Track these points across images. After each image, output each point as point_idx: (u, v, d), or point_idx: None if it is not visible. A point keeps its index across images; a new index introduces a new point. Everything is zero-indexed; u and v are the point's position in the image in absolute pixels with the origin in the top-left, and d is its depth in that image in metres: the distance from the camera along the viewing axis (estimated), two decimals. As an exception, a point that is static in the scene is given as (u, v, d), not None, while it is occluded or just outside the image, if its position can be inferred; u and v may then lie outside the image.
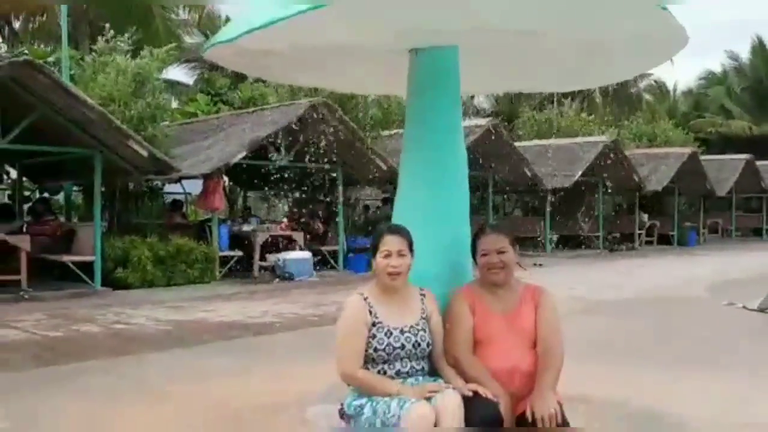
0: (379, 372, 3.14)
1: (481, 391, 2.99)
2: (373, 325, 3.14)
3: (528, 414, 2.90)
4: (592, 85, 8.95)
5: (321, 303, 9.68)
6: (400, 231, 3.22)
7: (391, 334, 3.13)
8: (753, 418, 4.38)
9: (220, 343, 6.94)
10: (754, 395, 4.98)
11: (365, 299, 3.20)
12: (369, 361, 3.13)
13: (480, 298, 3.31)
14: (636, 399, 4.71)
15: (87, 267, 11.06)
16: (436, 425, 2.85)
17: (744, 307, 9.26)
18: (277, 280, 12.54)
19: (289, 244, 13.72)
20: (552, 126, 25.07)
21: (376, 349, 3.11)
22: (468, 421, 2.88)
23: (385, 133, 16.38)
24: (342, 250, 14.41)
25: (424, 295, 3.30)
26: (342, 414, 3.17)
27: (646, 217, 23.29)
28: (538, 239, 19.38)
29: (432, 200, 3.57)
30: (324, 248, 14.37)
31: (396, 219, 3.60)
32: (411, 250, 3.19)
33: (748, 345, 7.00)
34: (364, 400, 3.07)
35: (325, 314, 8.68)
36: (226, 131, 14.01)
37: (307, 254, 13.19)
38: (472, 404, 2.93)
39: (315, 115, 13.02)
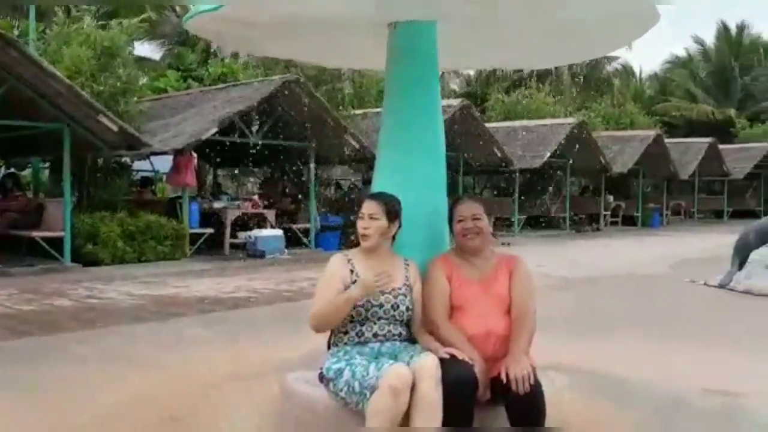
0: (357, 333, 3.24)
1: (457, 354, 3.10)
2: (354, 283, 3.22)
3: (503, 375, 3.02)
4: (566, 62, 9.07)
5: (294, 279, 9.75)
6: (379, 197, 3.34)
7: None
8: (713, 384, 4.59)
9: (196, 317, 6.99)
10: (713, 362, 5.22)
11: (348, 260, 3.30)
12: (346, 320, 3.23)
13: (456, 266, 3.43)
14: (605, 368, 4.88)
15: (56, 243, 10.97)
16: (414, 386, 2.96)
17: (705, 283, 9.59)
18: (248, 257, 12.56)
19: (261, 221, 13.74)
20: (521, 108, 25.32)
21: (354, 306, 3.19)
22: (444, 381, 3.00)
23: (359, 112, 16.41)
24: (313, 228, 14.47)
25: (408, 264, 3.40)
26: (321, 378, 3.27)
27: (611, 198, 23.74)
28: (507, 219, 19.67)
29: (410, 169, 3.65)
30: (295, 226, 14.40)
31: (375, 187, 3.68)
32: (391, 217, 3.29)
33: (709, 317, 7.28)
34: (343, 364, 3.16)
35: (299, 290, 8.77)
36: (197, 107, 13.90)
37: (278, 232, 13.23)
38: (449, 366, 3.05)
39: (287, 92, 13.00)
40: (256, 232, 12.94)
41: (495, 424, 3.25)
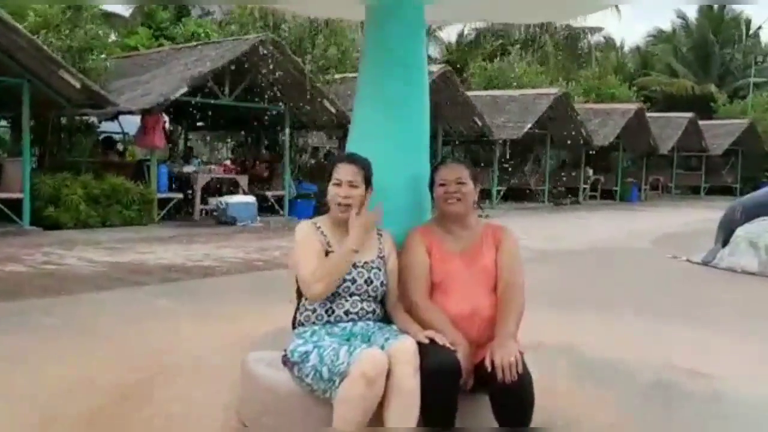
0: (327, 311, 2.88)
1: (438, 338, 2.76)
2: (326, 254, 2.87)
3: (487, 363, 2.69)
4: (562, 18, 8.69)
5: (266, 248, 9.36)
6: (357, 160, 2.94)
7: None
8: (698, 365, 4.34)
9: (159, 286, 6.58)
10: (696, 342, 4.98)
11: (318, 228, 2.94)
12: None
13: (437, 238, 3.06)
14: (587, 346, 4.65)
15: (15, 205, 10.44)
16: (389, 373, 2.62)
17: (687, 260, 9.37)
18: (219, 224, 12.13)
19: (233, 187, 13.28)
20: (503, 76, 24.89)
21: None
22: (424, 369, 2.66)
23: (338, 76, 15.89)
24: (288, 195, 14.03)
25: (381, 234, 3.04)
26: (285, 361, 2.91)
27: (591, 171, 23.56)
28: (485, 191, 19.36)
29: (389, 129, 3.26)
30: (269, 193, 13.96)
31: (350, 148, 3.29)
32: (368, 182, 2.92)
33: (692, 295, 7.04)
34: (310, 346, 2.81)
35: (270, 259, 8.39)
36: (167, 66, 13.30)
37: (250, 198, 12.79)
38: (428, 352, 2.70)
39: (262, 52, 12.45)
40: (227, 198, 12.48)
41: (479, 415, 2.93)
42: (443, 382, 2.68)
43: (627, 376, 4.18)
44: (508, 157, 20.11)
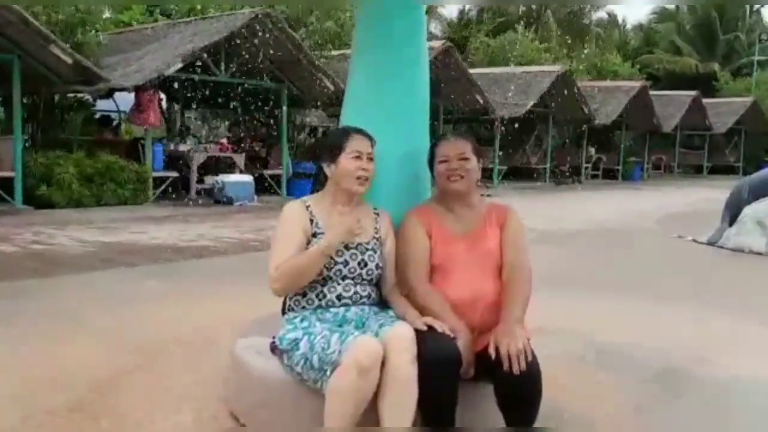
0: (318, 296, 2.68)
1: (437, 325, 2.56)
2: (314, 236, 2.66)
3: (491, 350, 2.49)
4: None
5: (262, 228, 9.15)
6: (367, 134, 2.75)
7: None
8: (711, 351, 4.16)
9: (150, 267, 6.37)
10: (708, 326, 4.80)
11: (307, 207, 2.72)
12: None
13: (437, 218, 2.85)
14: (595, 331, 4.47)
15: (7, 184, 10.24)
16: (384, 362, 2.42)
17: (693, 240, 9.18)
18: (215, 203, 11.92)
19: (229, 166, 13.04)
20: (505, 53, 24.53)
21: None
22: (421, 358, 2.46)
23: (336, 53, 15.58)
24: (285, 174, 13.80)
25: (377, 214, 2.83)
26: (274, 348, 2.71)
27: (593, 150, 23.29)
28: (487, 170, 19.12)
29: (386, 102, 3.02)
30: (266, 172, 13.73)
31: (344, 120, 3.07)
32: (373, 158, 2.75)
33: (700, 276, 6.86)
34: (299, 333, 2.61)
35: (266, 239, 8.16)
36: (161, 41, 13.00)
37: (247, 177, 12.56)
38: (427, 340, 2.50)
39: (257, 28, 12.15)
40: (223, 177, 12.26)
41: (481, 406, 2.74)
42: (442, 371, 2.48)
43: (634, 364, 3.99)
44: (508, 135, 19.85)
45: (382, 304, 2.81)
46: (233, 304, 4.74)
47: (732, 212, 8.95)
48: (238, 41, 12.15)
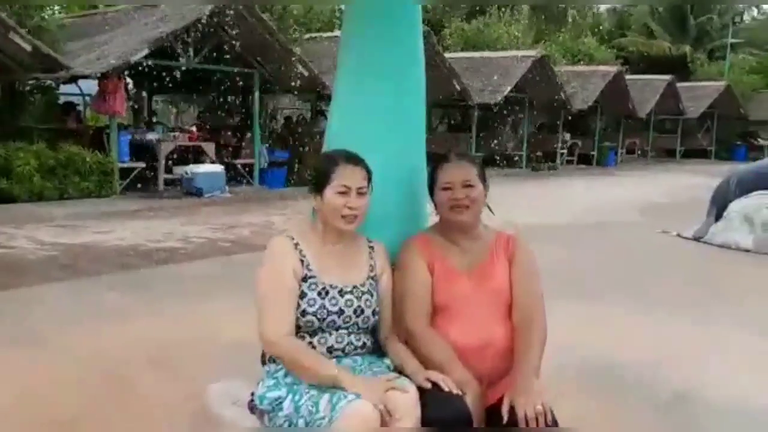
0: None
1: (443, 383, 2.22)
2: (304, 279, 2.28)
3: (504, 411, 2.15)
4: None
5: (234, 225, 8.73)
6: (362, 161, 2.35)
7: (327, 293, 2.29)
8: (716, 372, 3.89)
9: (115, 275, 5.93)
10: (708, 339, 4.56)
11: (296, 245, 2.33)
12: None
13: (439, 251, 2.50)
14: (589, 345, 4.20)
15: (-39, 177, 9.64)
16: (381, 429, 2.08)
17: (678, 235, 8.97)
18: (185, 195, 11.43)
19: (199, 156, 12.53)
20: (481, 38, 24.14)
21: (304, 313, 2.26)
22: (426, 422, 2.12)
23: (308, 36, 15.07)
24: (258, 164, 13.32)
25: (372, 247, 2.46)
26: (253, 408, 2.35)
27: (568, 136, 23.10)
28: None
29: (379, 108, 2.62)
30: (238, 161, 13.24)
31: (331, 139, 2.69)
32: (370, 186, 2.36)
33: (692, 278, 6.62)
34: (283, 391, 2.25)
35: (238, 239, 7.77)
36: (127, 26, 12.39)
37: (218, 168, 12.08)
38: (431, 399, 2.16)
39: (228, 11, 11.60)
40: (193, 168, 11.76)
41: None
42: (450, 436, 2.15)
43: (642, 385, 3.71)
44: (485, 121, 19.54)
45: (377, 350, 2.46)
46: (202, 324, 4.38)
47: (718, 206, 8.75)
48: (208, 25, 11.60)
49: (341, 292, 2.30)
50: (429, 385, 2.20)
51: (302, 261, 2.30)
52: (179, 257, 6.73)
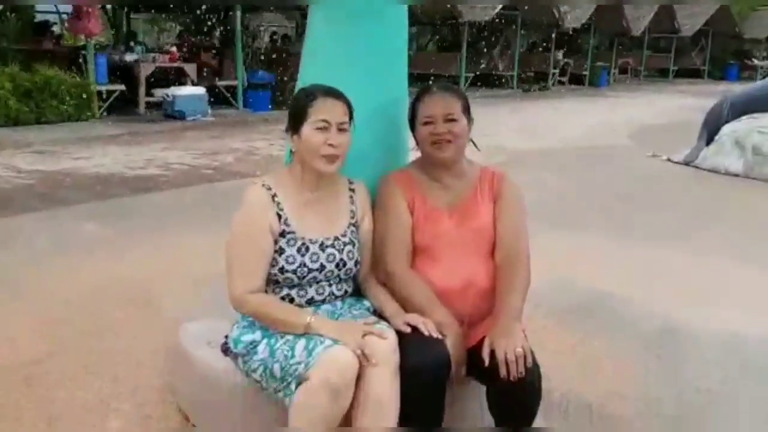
0: (283, 299, 2.21)
1: (422, 326, 2.14)
2: (282, 235, 2.15)
3: (485, 354, 2.08)
4: None
5: (217, 150, 8.53)
6: (341, 96, 2.17)
7: (308, 249, 2.17)
8: (713, 305, 3.86)
9: (93, 204, 5.78)
10: (701, 270, 4.51)
11: (273, 196, 2.17)
12: (271, 283, 2.19)
13: (420, 189, 2.38)
14: (577, 277, 4.15)
15: (-68, 101, 9.32)
16: (359, 376, 2.01)
17: (668, 159, 8.87)
18: (166, 118, 11.15)
19: (180, 78, 12.16)
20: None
21: (283, 270, 2.15)
22: (405, 367, 2.05)
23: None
24: (241, 85, 12.96)
25: (354, 189, 2.32)
26: (226, 350, 2.27)
27: (560, 55, 22.62)
28: (453, 77, 18.40)
29: (357, 38, 2.43)
30: (220, 83, 12.87)
31: (306, 67, 2.51)
32: (351, 122, 2.19)
33: (680, 205, 6.56)
34: (257, 335, 2.17)
35: (221, 165, 7.60)
36: (99, -61, 11.74)
37: (200, 90, 11.74)
38: (410, 344, 2.09)
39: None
40: (174, 90, 11.42)
41: (469, 405, 2.38)
42: (429, 380, 2.08)
43: (633, 321, 3.66)
44: (475, 39, 19.03)
45: (356, 292, 2.37)
46: (181, 257, 4.28)
47: (710, 130, 8.61)
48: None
49: (322, 246, 2.18)
50: (408, 329, 2.13)
51: (279, 216, 2.15)
52: (160, 185, 6.58)
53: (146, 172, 7.16)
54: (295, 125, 2.15)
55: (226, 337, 2.27)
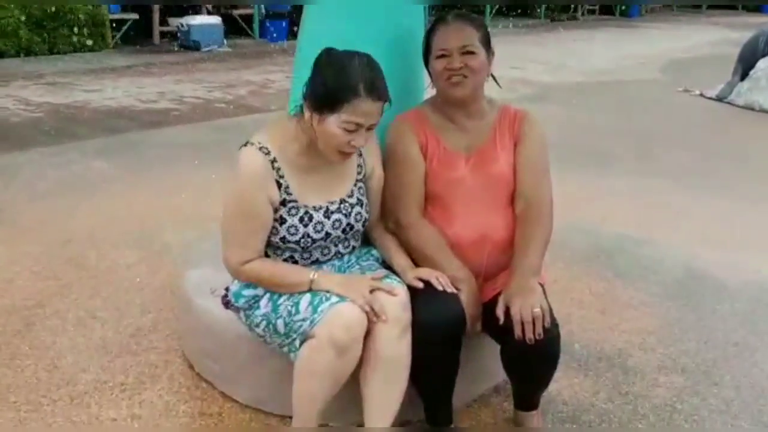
0: (288, 260, 2.04)
1: (436, 281, 1.99)
2: (283, 203, 1.95)
3: (499, 312, 1.94)
4: None
5: (231, 83, 8.29)
6: (383, 94, 1.86)
7: (311, 219, 1.97)
8: (740, 252, 3.68)
9: (100, 140, 5.62)
10: (730, 217, 4.31)
11: (273, 162, 1.93)
12: (272, 247, 2.03)
13: (434, 131, 2.18)
14: (597, 221, 3.99)
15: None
16: (367, 333, 1.87)
17: (701, 94, 8.50)
18: (181, 48, 10.88)
19: (195, 6, 11.80)
20: None
21: (285, 240, 1.97)
22: (416, 324, 1.91)
23: None
24: (257, 14, 12.57)
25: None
26: (227, 304, 2.15)
27: (590, -17, 21.69)
28: (476, 6, 17.70)
29: None
30: (236, 12, 12.49)
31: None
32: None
33: (716, 144, 6.27)
34: (260, 290, 2.02)
35: (235, 99, 7.39)
36: None
37: (215, 19, 11.41)
38: (422, 300, 1.95)
39: None
40: (188, 19, 11.10)
41: (482, 357, 2.27)
42: (442, 339, 1.95)
43: (650, 266, 3.52)
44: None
45: (364, 242, 2.22)
46: (189, 196, 4.16)
47: (745, 65, 8.19)
48: None
49: (327, 213, 1.99)
50: (420, 285, 1.98)
51: (279, 183, 1.93)
52: (172, 119, 6.40)
53: (158, 106, 6.98)
54: (319, 107, 1.84)
55: (227, 289, 2.14)
